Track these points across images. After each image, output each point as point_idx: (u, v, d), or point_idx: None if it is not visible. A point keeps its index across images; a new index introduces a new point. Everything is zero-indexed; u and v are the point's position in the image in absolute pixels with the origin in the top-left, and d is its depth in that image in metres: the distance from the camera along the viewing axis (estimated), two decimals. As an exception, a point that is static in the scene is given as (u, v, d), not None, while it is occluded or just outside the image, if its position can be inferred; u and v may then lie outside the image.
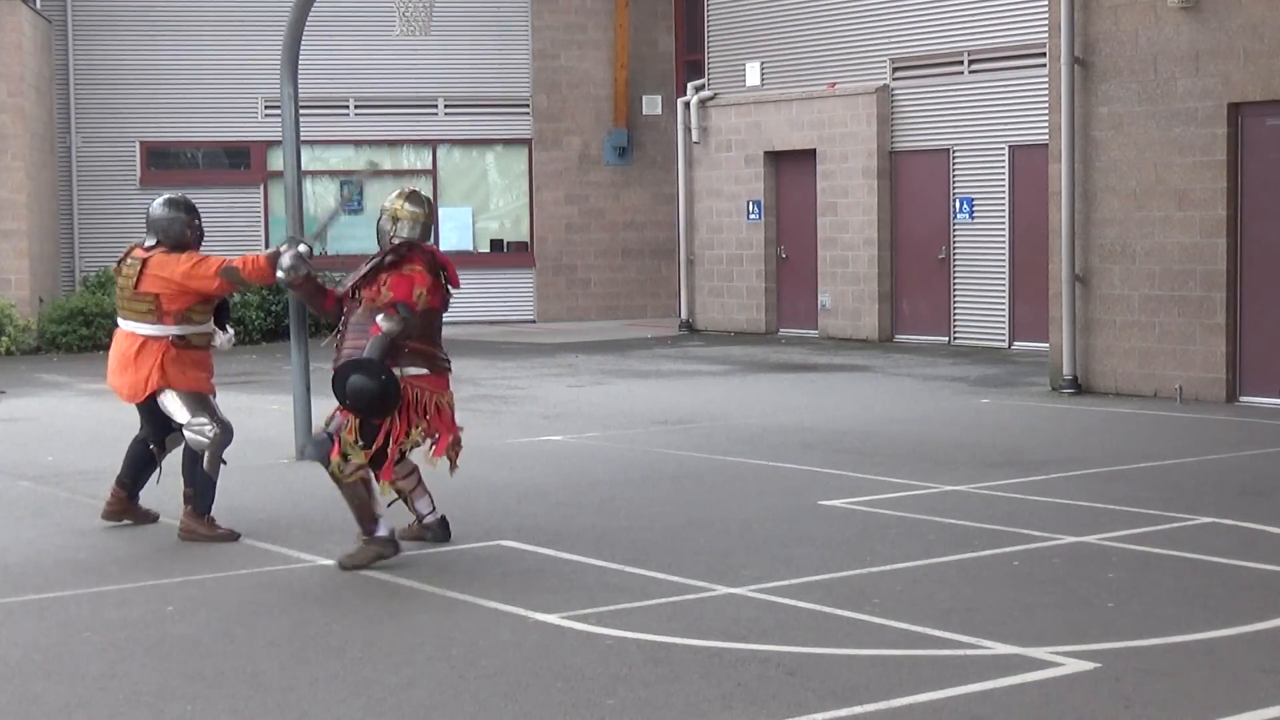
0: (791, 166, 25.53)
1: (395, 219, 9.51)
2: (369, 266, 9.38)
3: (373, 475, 9.15)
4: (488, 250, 29.14)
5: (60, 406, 17.51)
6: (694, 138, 26.71)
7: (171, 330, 10.07)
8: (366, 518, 9.10)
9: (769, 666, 6.94)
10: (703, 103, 26.64)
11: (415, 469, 9.67)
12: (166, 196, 10.43)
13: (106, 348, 26.65)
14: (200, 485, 9.99)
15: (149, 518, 10.46)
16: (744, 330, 26.01)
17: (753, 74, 26.05)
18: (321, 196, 28.28)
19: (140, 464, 10.35)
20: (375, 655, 7.26)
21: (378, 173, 28.10)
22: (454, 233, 28.71)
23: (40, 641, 7.60)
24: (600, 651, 7.26)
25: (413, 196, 9.61)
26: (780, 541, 9.70)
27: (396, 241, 9.43)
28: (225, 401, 10.85)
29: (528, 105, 28.92)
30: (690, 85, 27.16)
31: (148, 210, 10.29)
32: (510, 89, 28.90)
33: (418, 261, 9.32)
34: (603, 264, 29.30)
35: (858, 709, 6.32)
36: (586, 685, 6.73)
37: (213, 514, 10.04)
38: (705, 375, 19.97)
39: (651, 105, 29.19)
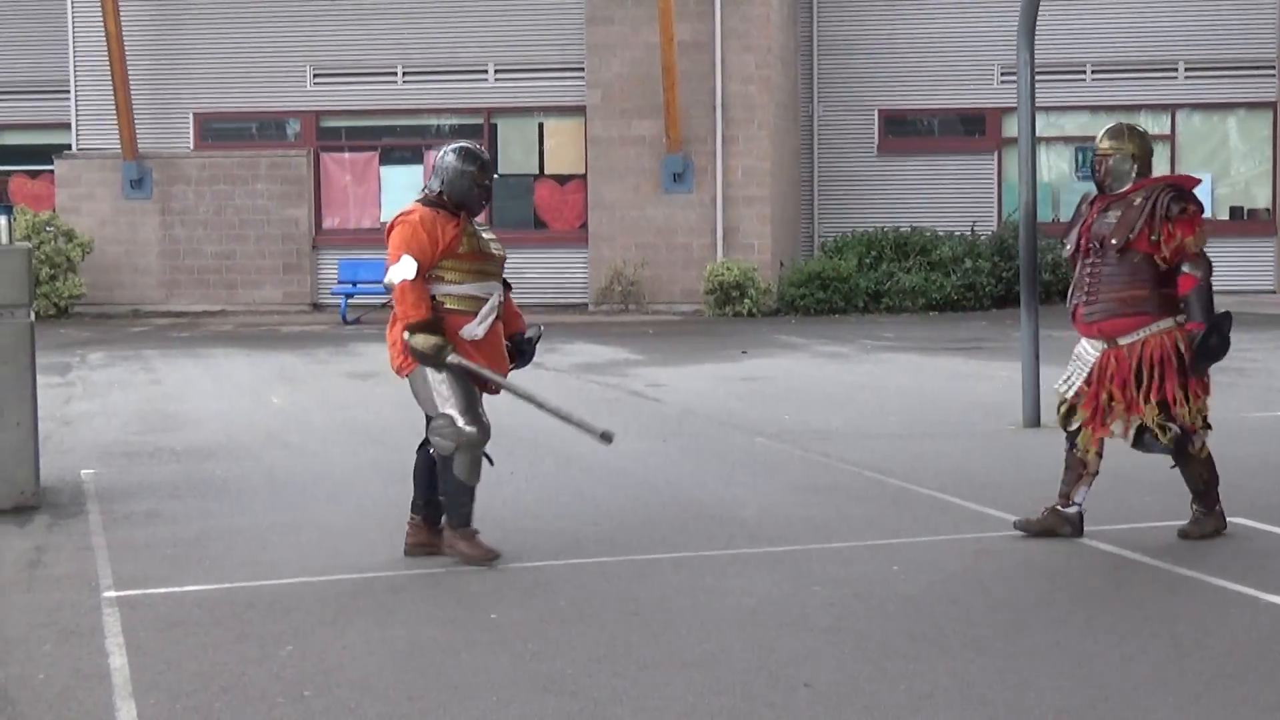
0: None
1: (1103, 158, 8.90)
2: (1143, 211, 8.71)
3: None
4: (1226, 218, 28.17)
5: (796, 367, 18.14)
6: None
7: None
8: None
9: None
10: None
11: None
12: (465, 146, 8.79)
13: (843, 311, 27.44)
14: (453, 493, 8.58)
15: (488, 554, 8.63)
16: None
17: None
18: (1055, 164, 28.05)
19: (426, 476, 8.75)
20: (1097, 628, 7.21)
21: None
22: (1192, 199, 27.89)
23: (773, 592, 7.93)
24: (1335, 639, 6.96)
25: (1113, 131, 8.98)
26: None
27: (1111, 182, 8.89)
28: (953, 367, 10.95)
29: (1273, 67, 27.74)
30: None
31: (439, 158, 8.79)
32: (1254, 50, 27.78)
33: (1194, 204, 8.75)
34: (1350, 232, 27.81)
35: None
36: (1318, 673, 6.47)
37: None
38: None
39: None
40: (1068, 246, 9.11)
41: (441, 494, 8.60)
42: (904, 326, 23.21)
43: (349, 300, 26.10)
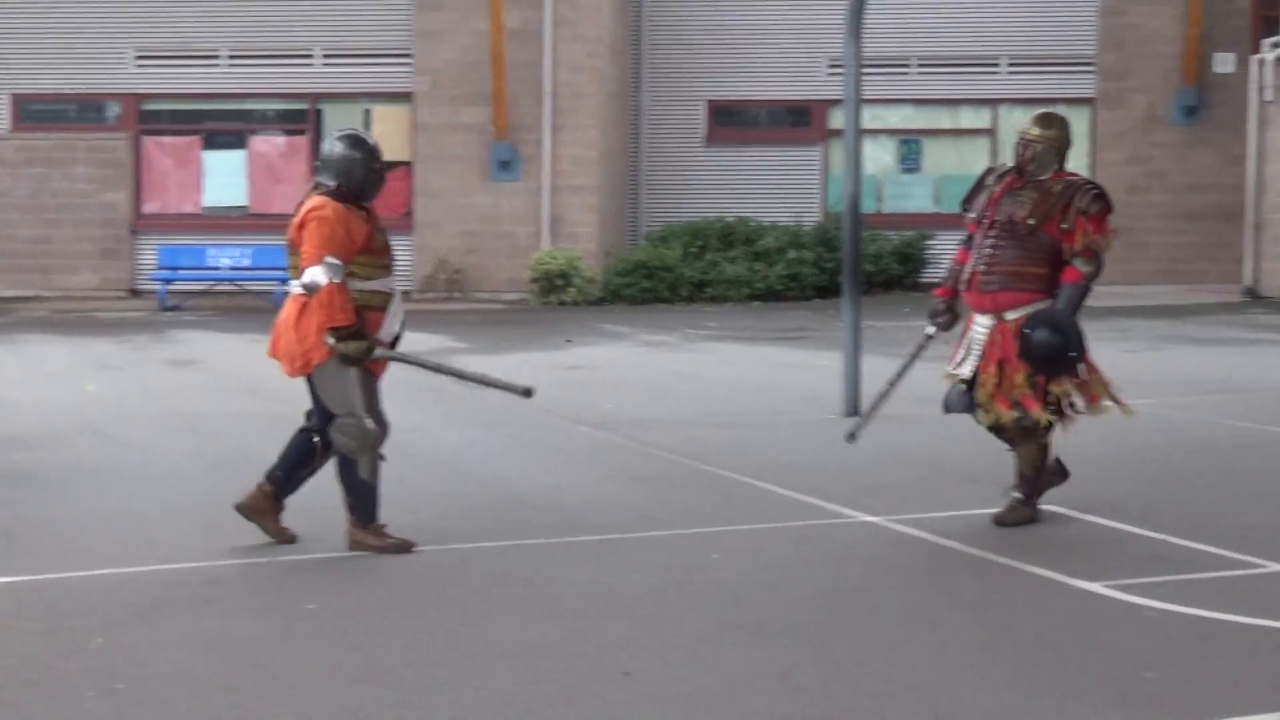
0: (1373, 127, 24.18)
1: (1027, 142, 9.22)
2: (1060, 199, 9.04)
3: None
4: (1046, 211, 28.64)
5: (620, 356, 18.18)
6: (1268, 97, 25.59)
7: None
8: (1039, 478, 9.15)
9: (1321, 650, 6.67)
10: (1278, 61, 25.49)
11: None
12: (348, 132, 8.75)
13: (667, 301, 27.48)
14: (360, 493, 8.58)
15: (285, 536, 8.70)
16: (1314, 299, 24.85)
17: (1334, 29, 24.80)
18: (879, 157, 28.36)
19: (298, 457, 8.68)
20: (912, 614, 7.31)
21: (933, 132, 27.99)
22: (1011, 193, 28.35)
23: (593, 581, 7.94)
24: (1142, 623, 7.11)
25: (1044, 120, 9.31)
26: (1341, 521, 9.27)
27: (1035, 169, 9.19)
28: (775, 357, 11.04)
29: (1092, 63, 28.28)
30: (1266, 42, 25.99)
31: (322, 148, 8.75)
32: (1074, 47, 28.30)
33: (1110, 207, 9.13)
34: (1164, 227, 28.36)
35: None
36: (1125, 657, 6.61)
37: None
38: (1269, 344, 19.17)
39: (1223, 63, 28.08)
40: (970, 215, 9.38)
41: (347, 494, 8.52)
42: (728, 316, 23.36)
43: (168, 286, 25.72)
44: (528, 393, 8.80)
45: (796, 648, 6.78)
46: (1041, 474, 9.20)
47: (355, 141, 8.56)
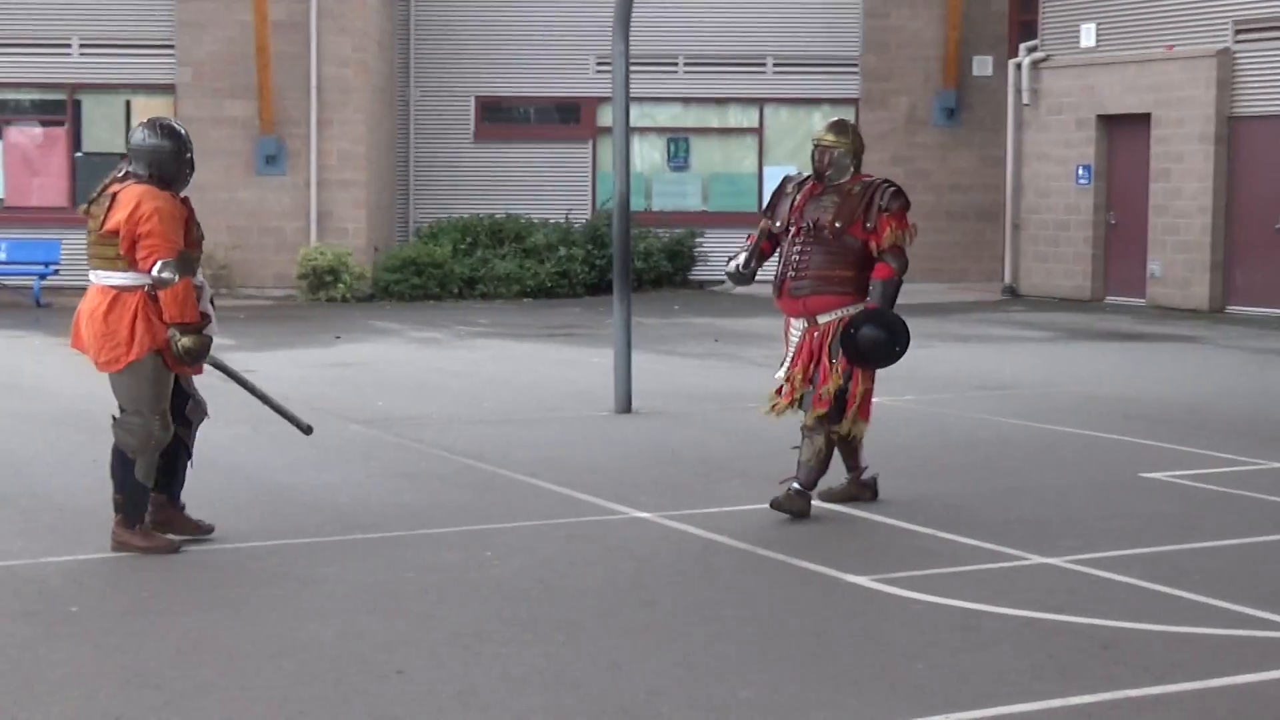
0: (1124, 131, 24.92)
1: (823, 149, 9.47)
2: (861, 200, 9.32)
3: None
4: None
5: (391, 353, 18.04)
6: (1025, 100, 26.25)
7: (145, 280, 8.23)
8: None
9: (1082, 639, 6.84)
10: (1035, 64, 26.15)
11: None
12: (158, 121, 8.55)
13: (438, 297, 27.28)
14: (134, 492, 8.37)
15: (201, 529, 8.64)
16: (1069, 297, 25.52)
17: (1087, 35, 25.47)
18: (648, 154, 28.52)
19: (169, 454, 8.48)
20: (685, 609, 7.36)
21: (701, 130, 28.18)
22: (778, 191, 28.67)
23: (366, 580, 7.87)
24: (910, 616, 7.24)
25: (837, 127, 9.58)
26: (1098, 513, 9.53)
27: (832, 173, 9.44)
28: (546, 354, 11.03)
29: (856, 65, 28.74)
30: (1023, 46, 26.68)
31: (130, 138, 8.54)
32: (839, 48, 28.74)
33: (907, 202, 9.41)
34: (926, 226, 28.75)
35: (1172, 687, 6.20)
36: (894, 649, 6.72)
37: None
38: (1027, 341, 19.67)
39: (982, 66, 28.73)
40: (776, 224, 9.60)
41: (118, 491, 8.33)
42: (499, 313, 23.31)
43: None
44: (308, 430, 8.83)
45: (572, 644, 6.78)
46: (824, 468, 9.36)
47: (167, 130, 8.41)
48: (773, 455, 10.58)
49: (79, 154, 26.36)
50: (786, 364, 9.50)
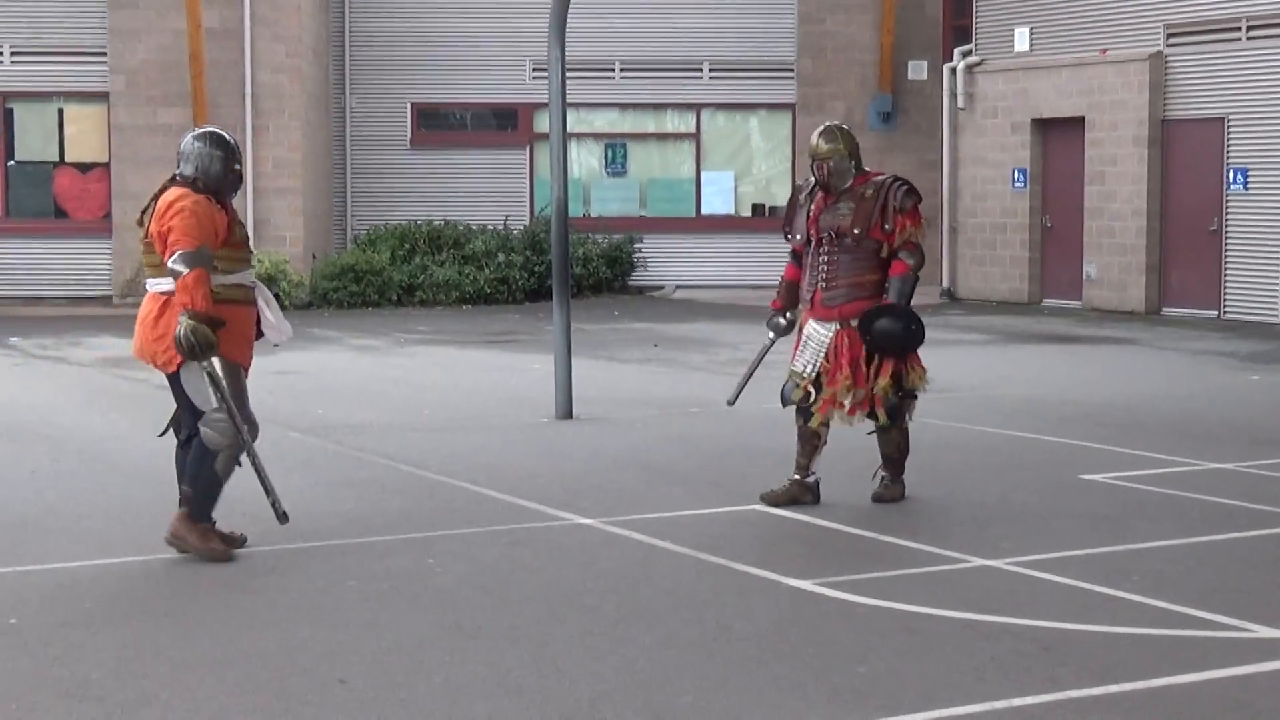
0: (1059, 134, 25.09)
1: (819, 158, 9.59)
2: (875, 203, 9.50)
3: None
4: (749, 215, 29.10)
5: (330, 361, 17.97)
6: (960, 104, 26.40)
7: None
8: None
9: (1023, 641, 6.88)
10: (969, 68, 26.31)
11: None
12: (209, 130, 8.76)
13: (376, 304, 27.17)
14: (207, 488, 8.56)
15: (234, 542, 8.66)
16: (1006, 300, 25.67)
17: (1021, 40, 25.64)
18: (586, 160, 28.52)
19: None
20: (629, 615, 7.35)
21: (639, 136, 28.19)
22: (716, 196, 28.74)
23: (307, 588, 7.83)
24: (853, 619, 7.26)
25: (827, 134, 9.66)
26: (1038, 514, 9.58)
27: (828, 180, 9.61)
28: (486, 361, 11.02)
29: (792, 70, 28.82)
30: (957, 51, 26.84)
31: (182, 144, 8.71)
32: (775, 53, 28.82)
33: (920, 199, 9.62)
34: (864, 230, 29.02)
35: (1113, 688, 6.24)
36: (838, 652, 6.74)
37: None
38: (965, 344, 19.77)
39: (917, 71, 28.87)
40: (796, 237, 9.78)
41: (190, 485, 8.48)
42: (438, 320, 23.25)
43: None
44: (284, 518, 8.57)
45: (515, 651, 6.77)
46: (905, 455, 9.83)
47: (215, 140, 8.66)
48: (713, 461, 10.60)
49: (11, 163, 26.16)
50: (803, 359, 9.60)
